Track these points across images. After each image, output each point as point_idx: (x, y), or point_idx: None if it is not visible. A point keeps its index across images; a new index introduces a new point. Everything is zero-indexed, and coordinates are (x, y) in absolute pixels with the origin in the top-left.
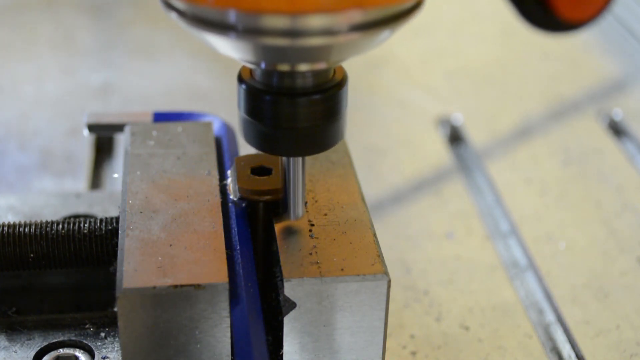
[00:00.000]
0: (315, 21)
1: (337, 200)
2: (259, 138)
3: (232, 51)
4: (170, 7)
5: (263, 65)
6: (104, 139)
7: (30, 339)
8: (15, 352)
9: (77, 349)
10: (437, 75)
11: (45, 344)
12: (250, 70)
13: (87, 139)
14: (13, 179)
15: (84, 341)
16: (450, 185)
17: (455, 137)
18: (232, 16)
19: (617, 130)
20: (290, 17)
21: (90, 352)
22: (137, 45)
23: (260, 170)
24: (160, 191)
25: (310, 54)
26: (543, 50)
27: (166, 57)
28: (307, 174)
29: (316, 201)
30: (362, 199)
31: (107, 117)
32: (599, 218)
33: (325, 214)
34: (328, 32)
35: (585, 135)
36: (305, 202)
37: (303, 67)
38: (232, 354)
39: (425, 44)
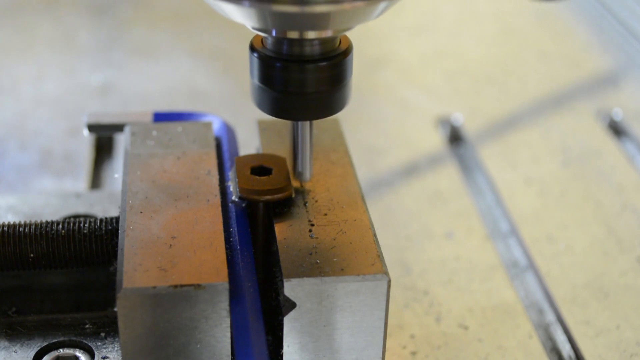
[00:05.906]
0: None
1: (337, 200)
2: (269, 103)
3: (245, 19)
4: None
5: (274, 33)
6: (104, 139)
7: (30, 339)
8: (15, 352)
9: (77, 349)
10: (437, 75)
11: (45, 344)
12: (262, 39)
13: (87, 139)
14: (13, 179)
15: (84, 341)
16: (450, 185)
17: (455, 137)
18: None
19: (617, 130)
20: None
21: (90, 352)
22: (137, 45)
23: (260, 170)
24: (160, 191)
25: (317, 21)
26: (543, 50)
27: (166, 57)
28: None
29: (316, 201)
30: (362, 199)
31: (107, 117)
32: (599, 218)
33: (325, 214)
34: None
35: (585, 135)
36: (306, 203)
37: (311, 35)
38: (232, 354)
39: (425, 44)
